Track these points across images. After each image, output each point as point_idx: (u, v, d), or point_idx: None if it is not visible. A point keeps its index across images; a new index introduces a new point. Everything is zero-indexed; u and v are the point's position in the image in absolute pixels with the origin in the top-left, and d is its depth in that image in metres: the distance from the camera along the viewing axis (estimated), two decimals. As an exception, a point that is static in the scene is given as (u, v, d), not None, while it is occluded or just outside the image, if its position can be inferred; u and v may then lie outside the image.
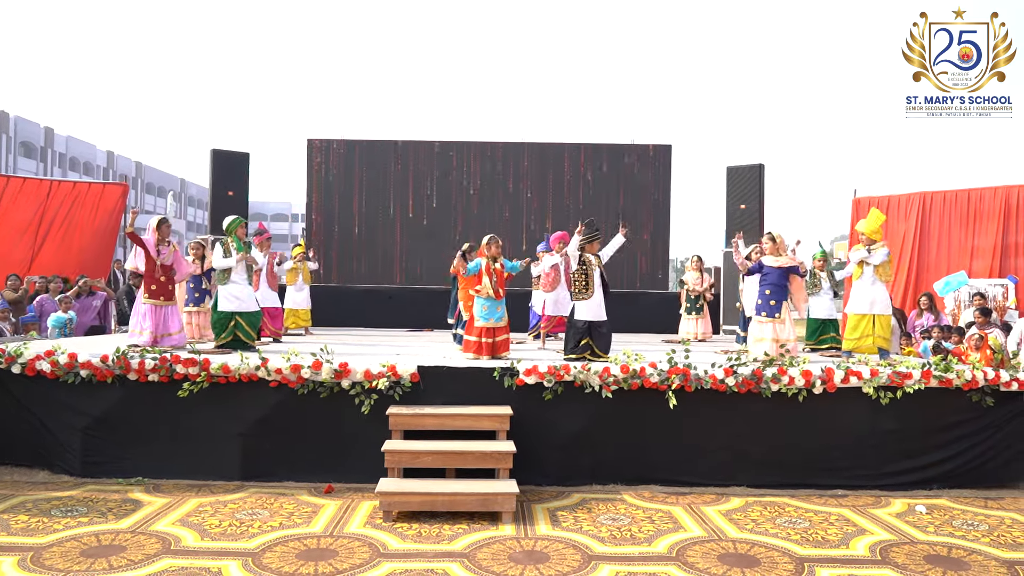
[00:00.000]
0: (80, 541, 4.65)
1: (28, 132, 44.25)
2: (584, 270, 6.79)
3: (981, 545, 4.89)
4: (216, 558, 4.42)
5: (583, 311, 6.73)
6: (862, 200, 13.18)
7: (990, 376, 6.17)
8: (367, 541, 4.74)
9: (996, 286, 10.70)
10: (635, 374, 6.04)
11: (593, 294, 6.76)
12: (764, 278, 7.23)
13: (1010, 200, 11.36)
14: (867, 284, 7.34)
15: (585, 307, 6.74)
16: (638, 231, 12.46)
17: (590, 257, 6.86)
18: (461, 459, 5.58)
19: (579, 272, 6.79)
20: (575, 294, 6.80)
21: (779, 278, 7.13)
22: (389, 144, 12.74)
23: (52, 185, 12.75)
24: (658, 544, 4.80)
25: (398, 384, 6.03)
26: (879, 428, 6.17)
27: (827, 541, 4.93)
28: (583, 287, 6.76)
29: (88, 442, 6.07)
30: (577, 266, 6.81)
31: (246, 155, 12.43)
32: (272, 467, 6.05)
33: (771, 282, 7.12)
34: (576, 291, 6.79)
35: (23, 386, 6.19)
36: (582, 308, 6.74)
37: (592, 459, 6.13)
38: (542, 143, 12.71)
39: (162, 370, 6.01)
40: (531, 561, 4.45)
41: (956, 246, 11.91)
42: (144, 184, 55.98)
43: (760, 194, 11.94)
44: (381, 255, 12.57)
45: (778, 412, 6.14)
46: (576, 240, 6.90)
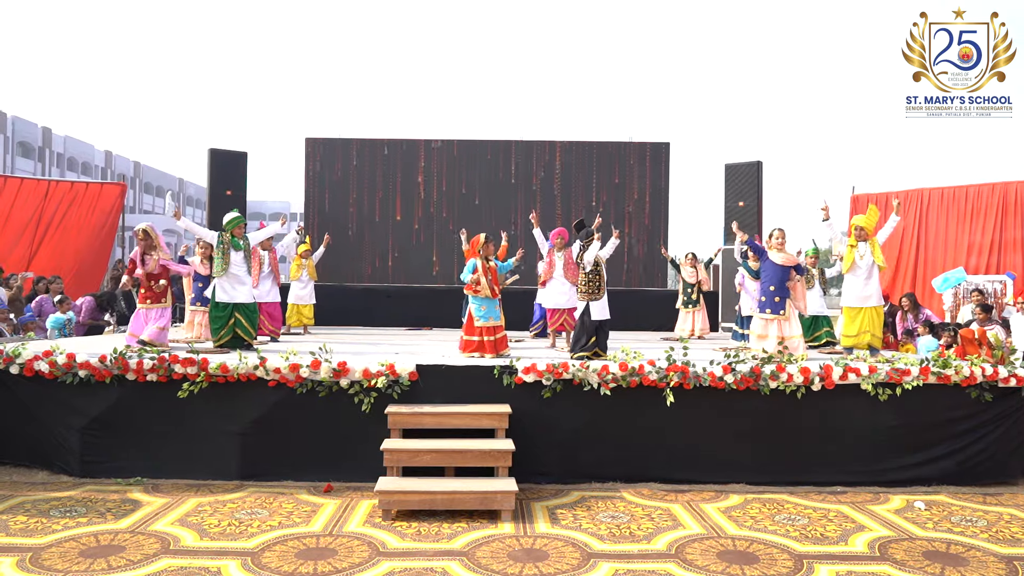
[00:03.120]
0: (79, 541, 4.64)
1: (26, 132, 44.17)
2: (597, 270, 6.85)
3: (980, 541, 4.90)
4: (215, 558, 4.42)
5: (597, 311, 6.79)
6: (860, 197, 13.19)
7: (988, 372, 6.17)
8: (366, 540, 4.74)
9: (994, 282, 10.72)
10: (634, 372, 6.05)
11: (604, 294, 6.85)
12: (767, 275, 7.22)
13: (1007, 196, 11.38)
14: (861, 278, 7.29)
15: (598, 307, 6.81)
16: (637, 229, 12.48)
17: (600, 256, 6.93)
18: (460, 458, 5.58)
19: (593, 272, 6.84)
20: (589, 294, 6.83)
21: (783, 275, 7.11)
22: (387, 143, 12.73)
23: (50, 185, 12.74)
24: (657, 542, 4.80)
25: (397, 383, 6.02)
26: (878, 425, 6.18)
27: (826, 538, 4.93)
28: (596, 288, 6.81)
29: (87, 442, 6.07)
30: (592, 267, 6.85)
31: (244, 154, 12.41)
32: (271, 466, 6.05)
33: (776, 279, 7.10)
34: (590, 291, 6.83)
35: (22, 386, 6.18)
36: (596, 308, 6.80)
37: (591, 457, 6.13)
38: (540, 141, 12.69)
39: (161, 370, 6.01)
40: (530, 559, 4.45)
41: (954, 242, 11.93)
42: (142, 184, 55.91)
43: (758, 191, 11.94)
44: (379, 254, 12.56)
45: (777, 409, 6.15)
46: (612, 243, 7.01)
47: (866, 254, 7.27)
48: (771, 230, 7.45)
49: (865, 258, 7.27)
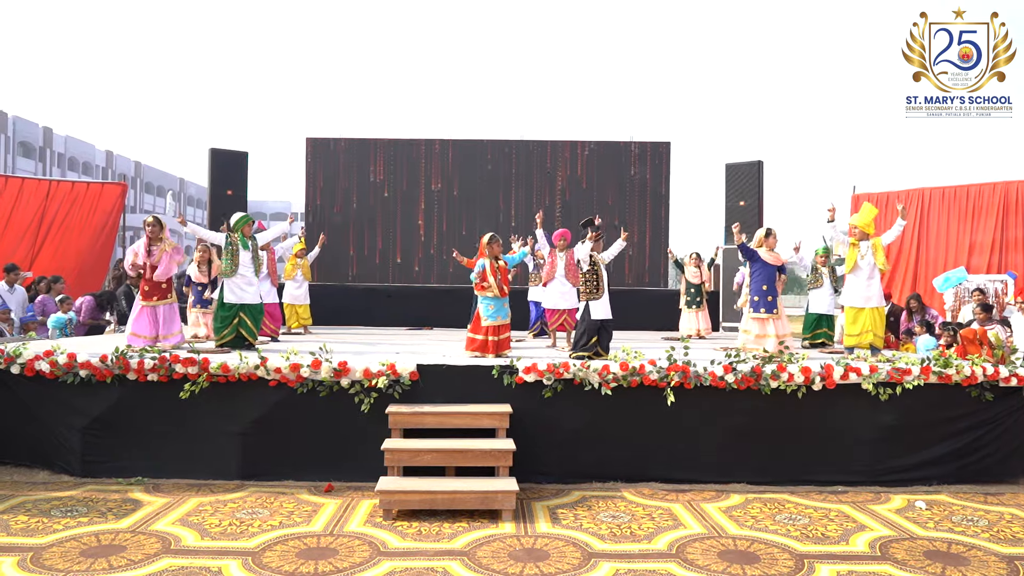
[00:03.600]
0: (80, 541, 4.65)
1: (27, 132, 44.20)
2: (594, 270, 6.84)
3: (981, 540, 4.90)
4: (216, 557, 4.42)
5: (598, 310, 6.77)
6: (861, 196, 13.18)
7: (989, 372, 6.17)
8: (367, 540, 4.74)
9: (995, 282, 10.71)
10: (634, 371, 6.05)
11: (604, 293, 6.83)
12: (757, 274, 7.26)
13: (1009, 196, 11.38)
14: (863, 279, 7.29)
15: (598, 306, 6.80)
16: (637, 229, 12.47)
17: (598, 256, 6.93)
18: (461, 457, 5.58)
19: (591, 272, 6.84)
20: (588, 294, 6.83)
21: (773, 274, 7.24)
22: (387, 142, 12.72)
23: (51, 185, 12.75)
24: (658, 541, 4.80)
25: (397, 382, 6.03)
26: (878, 424, 6.18)
27: (827, 537, 4.93)
28: (594, 287, 6.81)
29: (88, 442, 6.07)
30: (589, 267, 6.85)
31: (245, 154, 12.41)
32: (272, 466, 6.05)
33: (766, 278, 7.18)
34: (588, 291, 6.83)
35: (23, 386, 6.18)
36: (596, 307, 6.79)
37: (592, 456, 6.13)
38: (541, 141, 12.69)
39: (161, 370, 6.01)
40: (531, 559, 4.45)
41: (955, 242, 11.93)
42: (143, 183, 55.92)
43: (759, 191, 11.94)
44: (380, 253, 12.57)
45: (777, 409, 6.15)
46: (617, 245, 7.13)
47: (867, 254, 7.26)
48: (765, 230, 7.49)
49: (866, 258, 7.27)
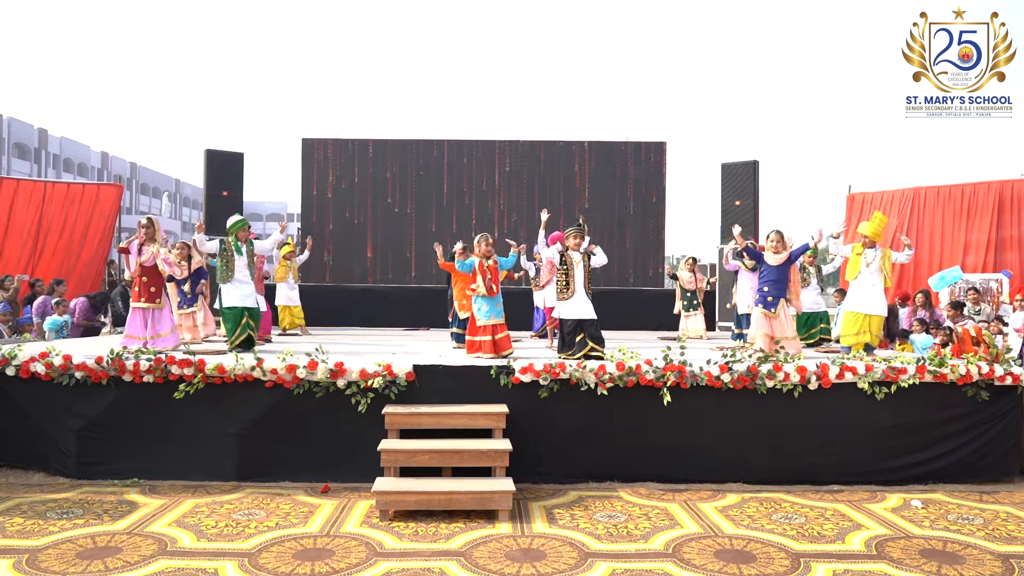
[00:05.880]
0: (76, 543, 4.63)
1: (22, 133, 44.11)
2: (564, 269, 6.78)
3: (976, 539, 4.91)
4: (212, 559, 4.41)
5: (566, 310, 6.71)
6: (856, 196, 13.22)
7: (985, 370, 6.19)
8: (364, 540, 4.74)
9: (990, 280, 10.75)
10: (631, 371, 6.05)
11: (574, 293, 6.72)
12: (763, 276, 7.21)
13: (1003, 195, 11.43)
14: (866, 285, 7.25)
15: (567, 306, 6.72)
16: (633, 229, 12.49)
17: (572, 255, 6.83)
18: (457, 458, 5.58)
19: (560, 272, 6.79)
20: (559, 293, 6.80)
21: (778, 274, 7.11)
22: (383, 143, 12.73)
23: (47, 187, 12.73)
24: (655, 541, 4.80)
25: (394, 383, 6.02)
26: (874, 423, 6.19)
27: (823, 536, 4.94)
28: (564, 286, 6.76)
29: (83, 443, 6.06)
30: (559, 265, 6.80)
31: (240, 155, 12.41)
32: (268, 467, 6.04)
33: (771, 279, 7.09)
34: (559, 290, 6.79)
35: (18, 388, 6.17)
36: (564, 307, 6.73)
37: (588, 457, 6.13)
38: (536, 141, 12.71)
39: (157, 371, 6.00)
40: (528, 559, 4.45)
41: (950, 241, 11.97)
42: (139, 185, 55.83)
43: (755, 190, 11.97)
44: (376, 254, 12.57)
45: (774, 408, 6.16)
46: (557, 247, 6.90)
47: (873, 261, 7.23)
48: (768, 232, 7.45)
49: (872, 265, 7.23)
